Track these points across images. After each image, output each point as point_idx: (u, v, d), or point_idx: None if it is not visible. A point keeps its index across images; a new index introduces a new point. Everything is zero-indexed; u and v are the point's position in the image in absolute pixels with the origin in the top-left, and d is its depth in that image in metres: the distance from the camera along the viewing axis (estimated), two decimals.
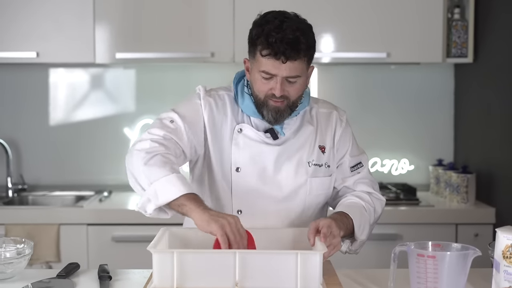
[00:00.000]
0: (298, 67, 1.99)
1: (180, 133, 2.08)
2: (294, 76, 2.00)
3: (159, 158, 1.95)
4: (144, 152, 1.97)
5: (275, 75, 1.99)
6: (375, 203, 2.20)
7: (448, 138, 3.98)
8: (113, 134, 3.97)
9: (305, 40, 1.99)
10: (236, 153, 2.12)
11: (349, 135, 2.25)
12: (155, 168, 1.92)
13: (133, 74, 3.96)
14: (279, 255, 1.74)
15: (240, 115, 2.16)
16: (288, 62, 1.97)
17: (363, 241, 2.13)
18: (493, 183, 3.45)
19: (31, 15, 3.55)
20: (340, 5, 3.54)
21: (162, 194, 1.88)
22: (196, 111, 2.13)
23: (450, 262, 1.66)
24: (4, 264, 1.97)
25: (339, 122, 2.23)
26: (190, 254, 1.74)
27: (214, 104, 2.15)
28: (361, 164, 2.25)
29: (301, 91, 2.07)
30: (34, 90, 3.95)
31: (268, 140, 2.13)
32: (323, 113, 2.23)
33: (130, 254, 3.33)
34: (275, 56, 1.96)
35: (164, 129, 2.07)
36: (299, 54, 1.97)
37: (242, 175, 2.12)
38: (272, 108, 2.04)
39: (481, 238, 3.36)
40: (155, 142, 2.01)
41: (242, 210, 2.12)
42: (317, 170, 2.16)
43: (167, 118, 2.11)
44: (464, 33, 3.61)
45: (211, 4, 3.55)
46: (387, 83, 3.97)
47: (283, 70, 1.98)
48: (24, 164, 3.96)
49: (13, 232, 3.30)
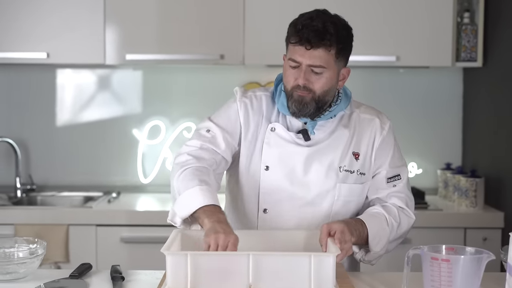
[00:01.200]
0: (323, 57, 2.01)
1: (217, 141, 2.12)
2: (317, 66, 2.01)
3: (190, 171, 2.02)
4: (179, 166, 2.05)
5: (300, 63, 2.02)
6: (402, 219, 2.13)
7: (456, 142, 3.98)
8: (121, 135, 3.98)
9: (334, 32, 2.01)
10: (267, 151, 2.13)
11: (391, 145, 2.19)
12: (184, 181, 1.99)
13: (140, 75, 3.97)
14: (293, 257, 1.74)
15: (275, 115, 2.17)
16: (312, 49, 2.00)
17: (378, 254, 2.10)
18: (501, 187, 3.45)
19: (42, 16, 3.56)
20: (349, 9, 3.54)
21: (183, 207, 1.95)
22: (233, 114, 2.17)
23: (464, 266, 1.66)
24: (18, 264, 1.98)
25: (380, 130, 2.17)
26: (203, 256, 1.74)
27: (250, 105, 2.17)
28: (399, 176, 2.17)
29: (327, 86, 2.05)
30: (43, 91, 3.97)
31: (299, 140, 2.12)
32: (364, 119, 2.19)
33: (139, 255, 3.34)
34: (300, 42, 2.01)
35: (200, 139, 2.12)
36: (323, 42, 1.99)
37: (271, 174, 2.12)
38: (296, 99, 2.05)
39: (489, 242, 3.36)
40: (190, 155, 2.08)
41: (268, 209, 2.13)
42: (348, 176, 2.13)
43: (204, 128, 2.16)
44: (473, 37, 3.61)
45: (221, 7, 3.56)
46: (395, 87, 3.97)
47: (307, 57, 2.01)
48: (32, 164, 3.96)
49: (22, 232, 3.30)
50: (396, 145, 2.21)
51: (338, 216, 2.12)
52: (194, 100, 3.95)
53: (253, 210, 2.15)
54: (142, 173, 3.95)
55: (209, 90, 3.92)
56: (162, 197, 3.80)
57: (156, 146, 3.94)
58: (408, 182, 2.21)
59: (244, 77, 3.90)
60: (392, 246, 2.16)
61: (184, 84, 3.96)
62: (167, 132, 3.95)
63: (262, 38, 3.51)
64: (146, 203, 3.72)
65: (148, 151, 3.96)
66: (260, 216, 2.14)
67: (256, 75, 3.89)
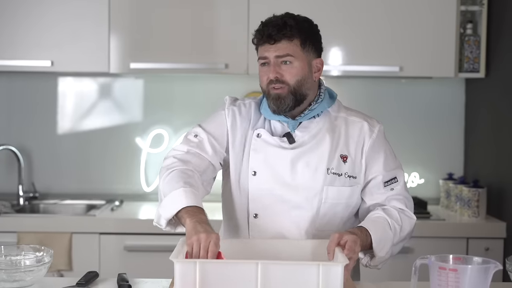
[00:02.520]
0: (288, 47, 2.08)
1: (204, 146, 2.16)
2: (284, 55, 2.08)
3: (175, 173, 2.05)
4: (166, 169, 2.09)
5: (267, 58, 2.10)
6: (404, 221, 2.14)
7: (458, 152, 3.99)
8: (123, 143, 3.99)
9: (294, 24, 2.10)
10: (253, 157, 2.16)
11: (382, 148, 2.20)
12: (168, 184, 2.02)
13: (142, 84, 3.98)
14: (301, 266, 1.75)
15: (261, 122, 2.21)
16: (276, 43, 2.08)
17: (384, 258, 2.11)
18: (504, 197, 3.46)
19: (47, 25, 3.57)
20: (352, 19, 3.57)
21: (167, 208, 1.98)
22: (220, 121, 2.21)
23: (472, 276, 1.67)
24: (24, 272, 1.98)
25: (369, 133, 2.18)
26: (212, 264, 1.75)
27: (238, 112, 2.21)
28: (396, 179, 2.19)
29: (299, 75, 2.10)
30: (45, 98, 3.97)
31: (283, 144, 2.15)
32: (352, 121, 2.21)
33: (143, 264, 3.34)
34: (263, 39, 2.10)
35: (188, 144, 2.17)
36: (283, 33, 2.07)
37: (258, 179, 2.15)
38: (273, 96, 2.11)
39: (492, 252, 3.36)
40: (176, 158, 2.12)
41: (258, 213, 2.15)
42: (336, 179, 2.15)
43: (192, 133, 2.21)
44: (476, 48, 3.63)
45: (226, 16, 3.58)
46: (397, 97, 3.99)
47: (272, 51, 2.08)
48: (35, 172, 3.97)
49: (26, 240, 3.30)
50: (388, 148, 2.23)
51: (324, 218, 2.15)
52: (198, 109, 3.96)
53: (244, 216, 2.19)
54: (145, 182, 3.95)
55: (212, 99, 3.91)
56: None
57: (159, 154, 3.95)
58: (405, 184, 2.23)
59: (248, 87, 3.91)
60: (397, 249, 2.18)
61: (187, 93, 3.97)
62: (170, 140, 3.95)
63: None
64: (149, 211, 3.72)
65: (151, 159, 3.97)
66: (250, 221, 2.17)
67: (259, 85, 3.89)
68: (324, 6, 3.55)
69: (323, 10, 3.56)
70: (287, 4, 3.51)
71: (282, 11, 3.50)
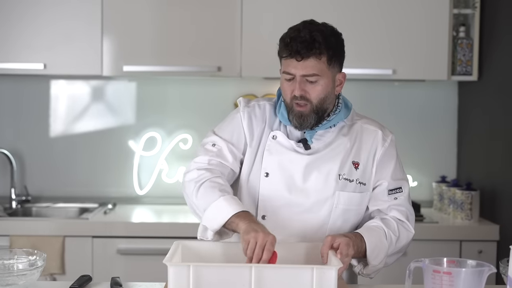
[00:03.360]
0: (315, 66, 2.05)
1: (224, 154, 2.15)
2: (311, 75, 2.05)
3: (207, 184, 2.05)
4: (193, 182, 2.08)
5: (294, 75, 2.07)
6: (401, 232, 2.15)
7: (451, 155, 3.99)
8: (116, 146, 3.98)
9: (322, 40, 2.05)
10: (267, 158, 2.16)
11: (392, 157, 2.22)
12: (205, 196, 2.03)
13: (135, 87, 3.98)
14: (295, 269, 1.75)
15: (277, 124, 2.20)
16: (303, 60, 2.04)
17: (377, 267, 2.10)
18: (496, 200, 3.46)
19: (40, 27, 3.57)
20: (346, 22, 3.57)
21: (214, 219, 1.98)
22: (236, 124, 2.20)
23: (466, 279, 1.67)
24: (17, 276, 1.97)
25: (382, 142, 2.20)
26: (206, 267, 1.75)
27: (253, 113, 2.21)
28: (401, 189, 2.19)
29: (323, 94, 2.09)
30: (37, 101, 3.96)
31: (299, 149, 2.15)
32: (366, 129, 2.22)
33: (136, 267, 3.33)
34: (290, 55, 2.06)
35: (208, 155, 2.15)
36: (312, 51, 2.04)
37: (270, 180, 2.14)
38: (296, 113, 2.10)
39: (485, 255, 3.37)
40: (201, 170, 2.10)
41: (266, 215, 2.14)
42: (347, 185, 2.15)
43: (209, 143, 2.19)
44: (469, 51, 3.64)
45: (219, 19, 3.57)
46: (391, 100, 3.99)
47: (300, 68, 2.05)
48: (28, 175, 3.95)
49: (18, 244, 3.29)
50: (398, 159, 2.24)
51: (336, 224, 2.14)
52: (191, 112, 3.96)
53: None
54: (138, 185, 3.95)
55: (205, 102, 3.93)
56: (158, 209, 3.80)
57: (152, 157, 3.94)
58: (409, 197, 2.22)
59: (241, 89, 3.91)
60: (391, 260, 2.17)
61: (180, 95, 3.97)
62: (163, 143, 3.95)
63: (259, 51, 3.53)
64: (142, 214, 3.71)
65: (144, 162, 3.96)
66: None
67: (253, 88, 3.90)
68: (317, 9, 3.55)
69: (317, 13, 3.52)
70: (280, 8, 3.54)
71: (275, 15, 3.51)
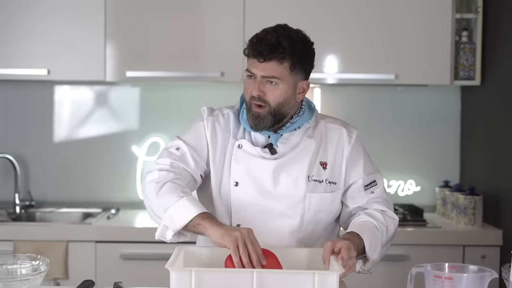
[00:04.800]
0: (276, 69, 2.07)
1: (186, 159, 2.15)
2: (270, 77, 2.08)
3: (169, 185, 2.04)
4: (154, 182, 2.06)
5: (254, 74, 2.09)
6: (388, 222, 2.18)
7: (454, 160, 3.99)
8: (119, 151, 3.99)
9: (287, 45, 2.07)
10: (235, 168, 2.16)
11: (361, 153, 2.25)
12: (167, 196, 2.01)
13: (138, 92, 3.99)
14: (296, 274, 1.75)
15: (241, 132, 2.21)
16: (264, 62, 2.07)
17: (376, 261, 2.12)
18: (500, 205, 3.46)
19: (43, 33, 3.58)
20: (348, 27, 3.58)
21: (177, 219, 1.96)
22: (200, 133, 2.20)
23: (467, 284, 1.67)
24: (21, 281, 1.98)
25: (348, 139, 2.23)
26: (208, 272, 1.75)
27: (217, 123, 2.21)
28: (375, 182, 2.24)
29: (282, 98, 2.10)
30: (41, 107, 3.97)
31: (265, 154, 2.17)
32: (330, 129, 2.25)
33: (139, 272, 3.33)
34: (253, 54, 2.09)
35: (170, 157, 2.15)
36: (274, 55, 2.06)
37: (241, 189, 2.15)
38: (253, 113, 2.12)
39: (488, 260, 3.36)
40: (162, 171, 2.09)
41: (241, 224, 2.15)
42: (317, 186, 2.17)
43: (173, 146, 2.19)
44: (471, 56, 3.64)
45: (221, 24, 3.58)
46: (393, 105, 3.99)
47: (260, 69, 2.08)
48: (31, 180, 3.97)
49: (22, 249, 3.30)
50: (366, 153, 2.28)
51: (309, 226, 2.17)
52: (194, 117, 3.93)
53: None
54: (141, 190, 3.95)
55: None
56: None
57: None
58: (384, 187, 2.27)
59: None
60: (385, 250, 2.19)
61: (183, 101, 3.98)
62: None
63: None
64: (145, 219, 3.72)
65: (147, 167, 3.95)
66: None
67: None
68: (319, 14, 3.56)
69: (319, 18, 3.57)
70: (283, 14, 3.55)
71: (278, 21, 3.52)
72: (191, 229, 1.96)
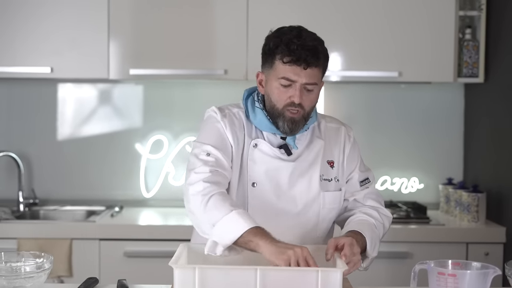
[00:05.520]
0: (316, 75, 2.07)
1: (222, 163, 2.11)
2: (312, 84, 2.06)
3: (216, 197, 1.99)
4: (200, 195, 2.00)
5: (295, 82, 2.05)
6: (384, 219, 2.23)
7: (458, 157, 3.99)
8: (123, 149, 3.99)
9: (322, 50, 2.09)
10: (252, 168, 2.16)
11: (357, 151, 2.30)
12: (214, 210, 1.96)
13: (141, 90, 3.99)
14: (300, 272, 1.76)
15: (254, 131, 2.20)
16: (308, 68, 2.04)
17: (374, 258, 2.14)
18: (503, 202, 3.46)
19: (47, 31, 3.58)
20: (351, 24, 3.58)
21: (226, 234, 1.91)
22: (222, 134, 2.16)
23: (471, 281, 1.68)
24: (25, 278, 1.98)
25: (348, 138, 2.28)
26: (211, 270, 1.76)
27: (232, 123, 2.18)
28: (368, 179, 2.29)
29: (315, 102, 2.13)
30: (45, 105, 3.98)
31: (282, 156, 2.16)
32: (331, 128, 2.28)
33: (142, 269, 3.34)
34: (296, 62, 2.03)
35: (207, 165, 2.08)
36: (318, 61, 2.06)
37: (258, 190, 2.15)
38: (288, 119, 2.09)
39: (491, 257, 3.36)
40: (207, 182, 2.03)
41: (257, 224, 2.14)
42: (328, 185, 2.20)
43: (203, 153, 2.12)
44: (475, 53, 3.64)
45: (225, 22, 3.59)
46: (397, 102, 3.99)
47: (303, 76, 2.04)
48: (35, 178, 3.97)
49: (26, 246, 3.31)
50: (360, 151, 2.33)
51: (324, 223, 2.20)
52: (197, 115, 3.89)
53: None
54: (144, 188, 3.96)
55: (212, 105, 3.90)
56: (165, 212, 3.81)
57: (158, 160, 3.96)
58: (375, 185, 2.34)
59: None
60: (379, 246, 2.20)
61: (187, 98, 3.98)
62: (169, 146, 3.96)
63: None
64: (149, 217, 3.73)
65: (151, 165, 3.98)
66: None
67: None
68: (323, 12, 3.56)
69: (322, 16, 3.57)
70: (286, 11, 3.55)
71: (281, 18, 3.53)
72: (242, 245, 1.91)
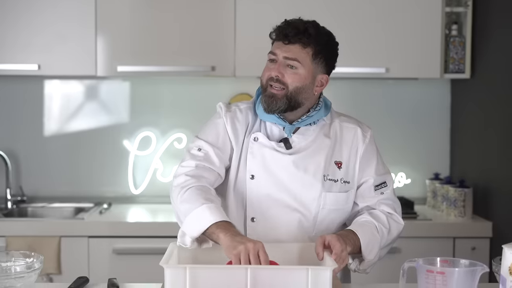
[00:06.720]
0: (299, 53, 2.10)
1: (210, 158, 2.15)
2: (292, 59, 2.09)
3: (192, 191, 2.04)
4: (180, 187, 2.07)
5: (276, 55, 2.11)
6: (392, 225, 2.17)
7: (444, 152, 4.02)
8: (111, 146, 3.98)
9: (313, 33, 2.11)
10: (251, 161, 2.17)
11: (374, 153, 2.25)
12: (188, 202, 2.01)
13: (128, 86, 3.98)
14: (290, 270, 1.77)
15: (257, 125, 2.21)
16: (289, 44, 2.10)
17: (372, 261, 2.13)
18: (490, 197, 3.49)
19: (34, 28, 3.57)
20: (339, 21, 3.58)
21: (194, 226, 1.95)
22: (221, 129, 2.19)
23: (459, 278, 1.69)
24: (15, 278, 1.98)
25: (362, 139, 2.23)
26: (202, 269, 1.76)
27: (236, 118, 2.21)
28: (386, 184, 2.23)
29: (300, 83, 2.11)
30: (32, 101, 3.96)
31: (280, 149, 2.16)
32: (345, 128, 2.24)
33: (131, 267, 3.34)
34: (278, 36, 2.12)
35: (194, 159, 2.14)
36: (299, 38, 2.09)
37: (256, 182, 2.16)
38: (268, 94, 2.13)
39: (478, 251, 3.40)
40: (188, 175, 2.09)
41: (255, 217, 2.16)
42: (333, 185, 2.17)
43: (195, 147, 2.18)
44: (461, 49, 3.66)
45: (213, 19, 3.59)
46: (384, 98, 4.01)
47: (284, 50, 2.10)
48: (23, 176, 3.96)
49: (14, 245, 3.30)
50: (378, 153, 2.27)
51: (323, 223, 2.18)
52: (185, 111, 3.97)
53: (241, 219, 2.18)
54: (133, 184, 3.96)
55: (199, 102, 3.94)
56: (153, 208, 3.82)
57: (146, 157, 3.95)
58: (393, 189, 2.27)
59: (235, 89, 3.93)
60: (384, 252, 2.20)
61: (174, 95, 3.98)
62: (157, 143, 3.96)
63: (253, 50, 3.53)
64: (137, 214, 3.73)
65: (139, 162, 3.97)
66: (248, 224, 2.18)
67: (246, 87, 3.91)
68: (310, 8, 3.56)
69: (310, 11, 3.53)
70: (274, 6, 3.55)
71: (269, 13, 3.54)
72: (210, 238, 1.95)
